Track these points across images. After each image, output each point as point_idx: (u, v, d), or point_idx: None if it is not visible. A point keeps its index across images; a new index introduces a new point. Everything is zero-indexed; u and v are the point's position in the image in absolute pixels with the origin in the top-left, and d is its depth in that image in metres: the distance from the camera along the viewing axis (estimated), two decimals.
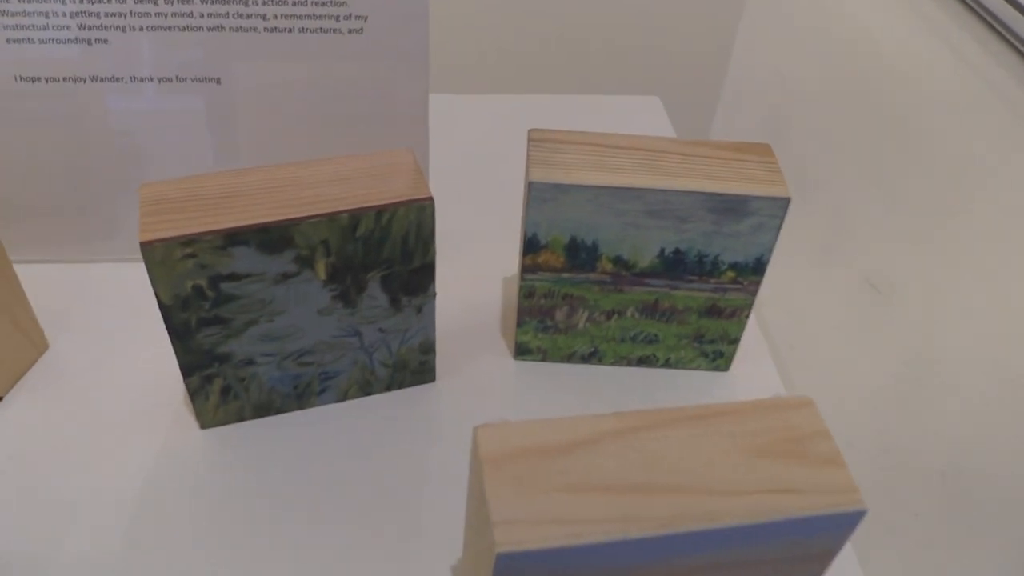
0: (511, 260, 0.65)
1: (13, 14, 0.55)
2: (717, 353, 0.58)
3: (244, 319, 0.49)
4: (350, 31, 0.57)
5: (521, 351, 0.59)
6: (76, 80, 0.58)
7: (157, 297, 0.47)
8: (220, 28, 0.56)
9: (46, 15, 0.55)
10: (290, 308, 0.49)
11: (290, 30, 0.57)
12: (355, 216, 0.47)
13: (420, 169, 0.49)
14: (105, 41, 0.56)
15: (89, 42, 0.56)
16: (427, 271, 0.51)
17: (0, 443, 0.53)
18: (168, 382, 0.57)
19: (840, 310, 0.80)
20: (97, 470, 0.52)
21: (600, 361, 0.59)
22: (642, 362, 0.59)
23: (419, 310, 0.53)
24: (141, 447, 0.53)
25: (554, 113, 0.82)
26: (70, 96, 0.58)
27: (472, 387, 0.58)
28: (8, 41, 0.56)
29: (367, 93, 0.59)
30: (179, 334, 0.49)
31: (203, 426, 0.54)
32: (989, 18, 0.65)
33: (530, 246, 0.53)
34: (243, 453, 0.53)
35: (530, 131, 0.53)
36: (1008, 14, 0.62)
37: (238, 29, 0.56)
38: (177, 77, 0.58)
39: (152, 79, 0.58)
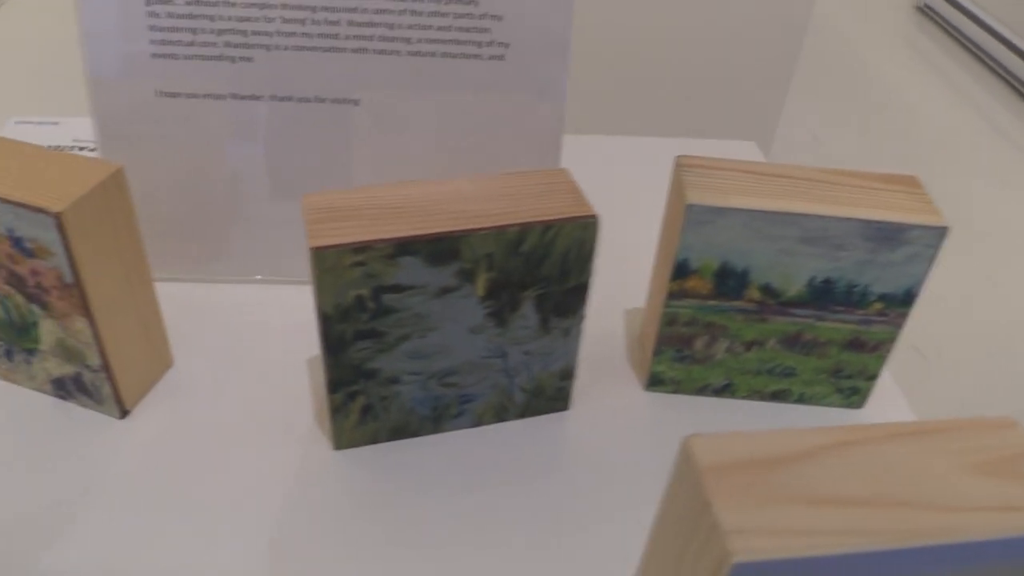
0: (632, 293, 0.64)
1: (161, 29, 0.56)
2: (852, 389, 0.57)
3: (398, 334, 0.48)
4: (491, 57, 0.58)
5: (653, 382, 0.58)
6: (216, 97, 0.58)
7: (318, 307, 0.46)
8: (363, 51, 0.57)
9: (193, 31, 0.56)
10: (444, 325, 0.49)
11: (432, 54, 0.57)
12: (523, 230, 0.46)
13: (579, 188, 0.49)
14: (250, 59, 0.57)
15: (233, 60, 0.57)
16: (581, 292, 0.50)
17: (128, 456, 0.52)
18: (297, 403, 0.56)
19: None
20: (227, 487, 0.50)
21: (732, 394, 0.58)
22: (775, 397, 0.58)
23: (566, 333, 0.52)
24: (272, 465, 0.52)
25: (654, 154, 0.82)
26: (209, 113, 0.58)
27: (604, 417, 0.56)
28: (153, 56, 0.56)
29: (503, 122, 0.60)
30: (333, 347, 0.48)
31: (337, 447, 0.53)
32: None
33: (679, 271, 0.52)
34: (377, 475, 0.52)
35: (678, 157, 0.53)
36: None
37: (381, 52, 0.57)
38: (316, 97, 0.58)
39: (292, 99, 0.58)
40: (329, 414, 0.51)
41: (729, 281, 0.52)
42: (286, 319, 0.62)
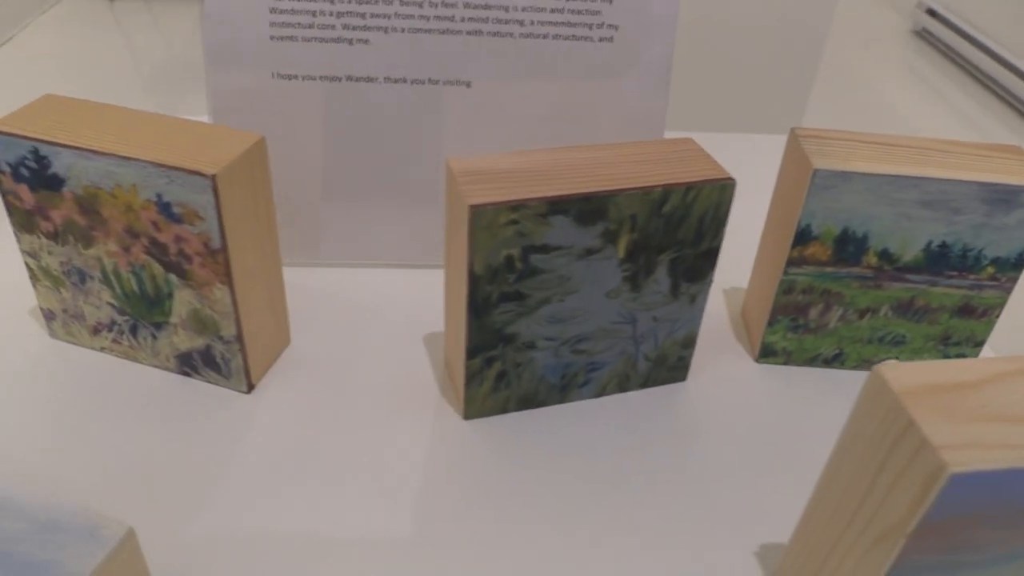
0: (726, 272, 0.65)
1: (281, 11, 0.57)
2: (960, 356, 0.58)
3: (540, 296, 0.49)
4: (601, 39, 0.59)
5: (765, 352, 0.59)
6: (332, 79, 0.59)
7: (470, 268, 0.46)
8: (478, 32, 0.58)
9: (313, 14, 0.57)
10: (583, 288, 0.49)
11: (544, 36, 0.59)
12: (667, 191, 0.47)
13: (709, 155, 0.50)
14: (366, 41, 0.58)
15: (351, 42, 0.58)
16: (712, 256, 0.51)
17: (259, 429, 0.52)
18: (419, 378, 0.56)
19: None
20: (360, 458, 0.50)
21: (842, 365, 0.59)
22: (872, 364, 0.59)
23: (692, 300, 0.53)
24: (403, 436, 0.52)
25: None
26: (323, 95, 0.59)
27: (719, 388, 0.57)
28: (272, 39, 0.57)
29: (610, 102, 0.61)
30: (478, 309, 0.48)
31: (467, 416, 0.53)
32: None
33: (801, 237, 0.53)
34: (506, 445, 0.52)
35: (793, 129, 0.55)
36: None
37: (495, 34, 0.58)
38: (430, 79, 0.60)
39: (406, 80, 0.59)
40: (464, 381, 0.51)
41: (848, 247, 0.54)
42: (396, 301, 0.62)
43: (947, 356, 0.58)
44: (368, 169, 0.62)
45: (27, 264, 0.54)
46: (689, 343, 0.55)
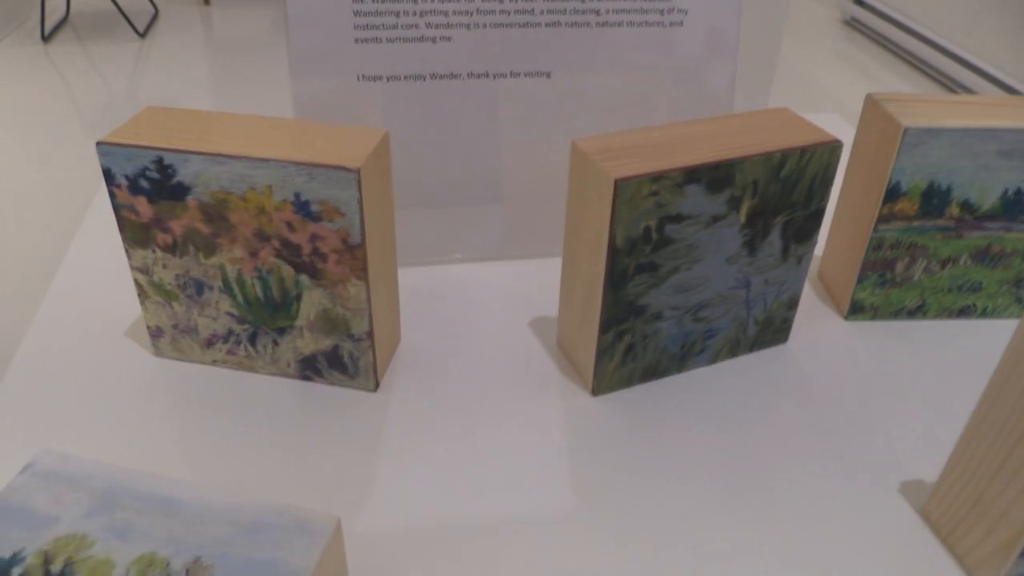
0: None
1: (365, 14, 0.57)
2: None
3: (671, 265, 0.50)
4: (671, 24, 0.61)
5: (854, 309, 0.61)
6: (416, 78, 0.60)
7: (611, 240, 0.47)
8: (556, 24, 0.60)
9: (397, 14, 0.58)
10: (707, 256, 0.51)
11: (619, 24, 0.61)
12: (785, 155, 0.49)
13: (807, 121, 0.53)
14: (449, 39, 0.59)
15: (434, 40, 0.59)
16: (819, 217, 0.53)
17: (394, 425, 0.52)
18: (535, 362, 0.57)
19: None
20: (502, 441, 0.51)
21: (924, 315, 0.62)
22: (961, 313, 0.62)
23: (799, 261, 0.55)
24: (536, 418, 0.53)
25: None
26: (408, 95, 0.60)
27: (818, 347, 0.59)
28: (356, 41, 0.58)
29: (682, 85, 0.63)
30: (614, 283, 0.49)
31: (596, 392, 0.54)
32: None
33: (891, 194, 0.56)
34: (637, 417, 0.53)
35: (869, 94, 0.58)
36: None
37: (572, 24, 0.60)
38: (511, 72, 0.61)
39: (488, 75, 0.60)
40: (594, 357, 0.52)
41: (934, 200, 0.57)
42: (492, 292, 0.63)
43: (1019, 299, 0.62)
44: (455, 165, 0.63)
45: (136, 281, 0.53)
46: (793, 304, 0.57)
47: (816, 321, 0.62)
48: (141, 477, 0.40)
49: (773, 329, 0.58)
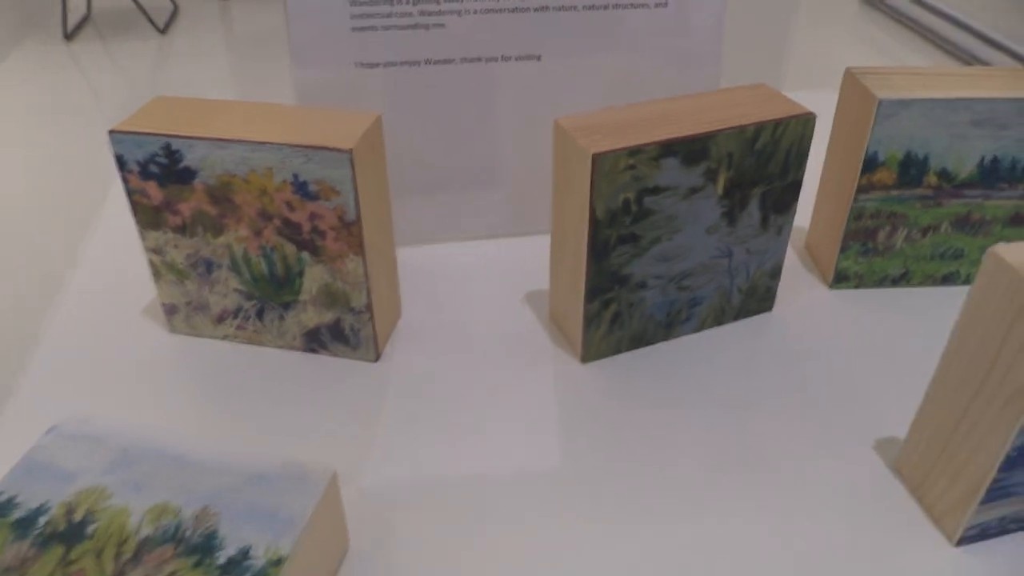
0: None
1: (360, 3, 0.60)
2: None
3: (652, 236, 0.53)
4: (656, 5, 0.64)
5: (839, 278, 0.63)
6: (411, 64, 0.62)
7: (591, 212, 0.50)
8: (545, 8, 0.62)
9: (391, 3, 0.60)
10: (687, 226, 0.53)
11: (605, 7, 0.63)
12: (758, 128, 0.52)
13: (785, 96, 0.55)
14: (442, 26, 0.62)
15: (427, 27, 0.61)
16: (796, 188, 0.56)
17: (393, 392, 0.55)
18: (528, 334, 0.60)
19: None
20: (497, 409, 0.54)
21: (908, 283, 0.64)
22: (945, 280, 0.64)
23: (779, 231, 0.57)
24: (529, 386, 0.55)
25: None
26: (404, 80, 0.63)
27: (802, 314, 0.62)
28: (353, 30, 0.61)
29: (667, 64, 0.65)
30: (597, 253, 0.52)
31: (585, 359, 0.57)
32: None
33: (868, 165, 0.58)
34: (623, 382, 0.56)
35: (848, 69, 0.60)
36: None
37: (560, 8, 0.62)
38: (503, 56, 0.63)
39: (480, 59, 0.63)
40: (582, 326, 0.55)
41: (911, 170, 0.59)
42: (486, 269, 0.66)
43: None
44: (449, 147, 0.65)
45: (151, 261, 0.56)
46: (776, 273, 0.60)
47: (802, 290, 0.64)
48: (157, 435, 0.43)
49: (757, 298, 0.60)
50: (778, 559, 0.45)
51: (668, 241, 0.54)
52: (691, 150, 0.50)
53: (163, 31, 2.83)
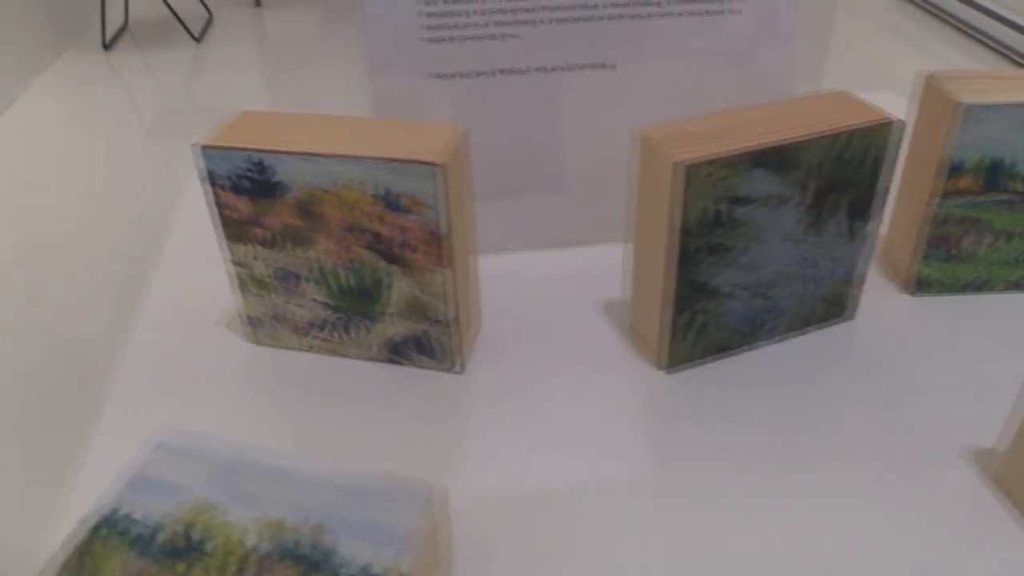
0: None
1: (434, 15, 0.60)
2: None
3: (738, 246, 0.53)
4: (730, 12, 0.63)
5: (919, 285, 0.63)
6: (484, 74, 0.63)
7: (680, 224, 0.50)
8: (618, 17, 0.62)
9: (465, 13, 0.61)
10: (772, 236, 0.53)
11: (679, 15, 0.63)
12: (849, 135, 0.51)
13: (864, 101, 0.54)
14: (516, 36, 0.62)
15: (501, 37, 0.62)
16: (881, 196, 0.55)
17: (478, 404, 0.55)
18: (606, 342, 0.60)
19: None
20: (581, 418, 0.54)
21: (990, 289, 0.63)
22: (1018, 285, 0.63)
23: (863, 239, 0.57)
24: (612, 395, 0.55)
25: None
26: (477, 90, 0.63)
27: (882, 321, 0.61)
28: (426, 41, 0.61)
29: (740, 71, 0.65)
30: (686, 264, 0.52)
31: (668, 368, 0.57)
32: None
33: (951, 170, 0.57)
34: (708, 392, 0.55)
35: (927, 76, 0.59)
36: None
37: (634, 16, 0.62)
38: (576, 65, 0.63)
39: (553, 69, 0.63)
40: (668, 335, 0.55)
41: (994, 175, 0.58)
42: (560, 278, 0.66)
43: None
44: (520, 156, 0.66)
45: (236, 274, 0.57)
46: (856, 281, 0.59)
47: (881, 297, 0.63)
48: (257, 450, 0.43)
49: (838, 306, 0.60)
50: (875, 571, 0.44)
51: (753, 251, 0.53)
52: (780, 159, 0.50)
53: (199, 39, 2.86)
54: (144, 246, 1.90)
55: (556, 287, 0.65)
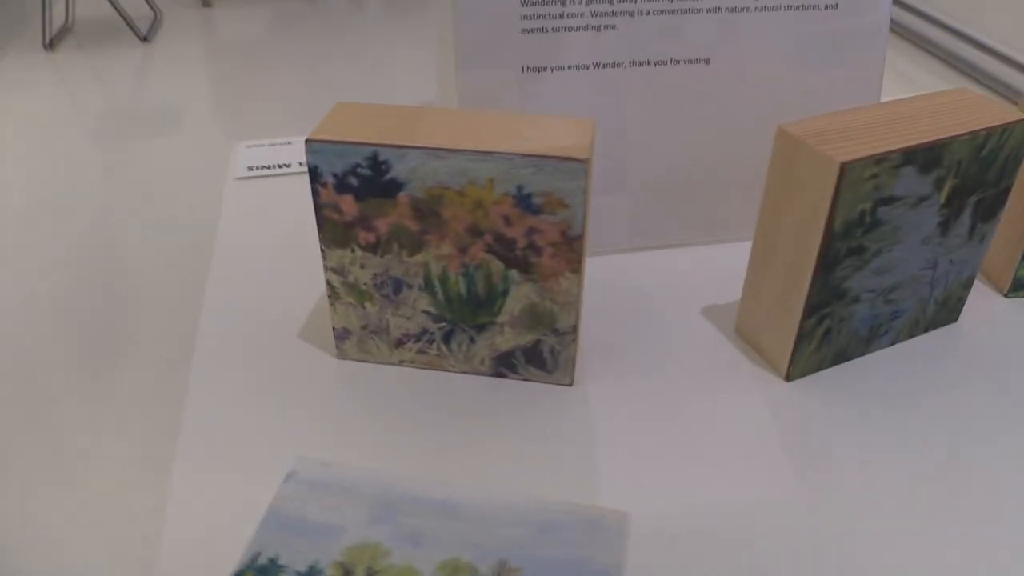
0: None
1: (533, 4, 0.57)
2: None
3: (875, 248, 0.50)
4: (827, 7, 0.61)
5: (1016, 287, 0.62)
6: (579, 68, 0.59)
7: (828, 225, 0.47)
8: (717, 10, 0.60)
9: (563, 3, 0.57)
10: (906, 237, 0.51)
11: (777, 8, 0.61)
12: (988, 134, 0.50)
13: (992, 99, 0.53)
14: (613, 27, 0.58)
15: (598, 28, 0.58)
16: (1005, 196, 0.54)
17: (595, 418, 0.51)
18: (718, 348, 0.57)
19: None
20: (708, 432, 0.51)
21: None
22: None
23: (982, 239, 0.55)
24: (734, 406, 0.52)
25: None
26: (570, 85, 0.59)
27: (987, 325, 0.60)
28: (523, 32, 0.57)
29: (832, 68, 0.63)
30: (827, 266, 0.49)
31: (790, 377, 0.54)
32: None
33: None
34: (834, 400, 0.53)
35: None
36: None
37: (733, 10, 0.60)
38: (672, 60, 0.60)
39: (648, 63, 0.60)
40: (792, 343, 0.52)
41: None
42: (661, 280, 0.63)
43: None
44: (615, 153, 0.62)
45: (329, 283, 0.52)
46: (970, 284, 0.58)
47: (977, 299, 0.62)
48: (409, 481, 0.39)
49: (948, 308, 0.58)
50: None
51: (888, 253, 0.51)
52: (928, 158, 0.48)
53: (146, 39, 2.73)
54: (90, 250, 1.80)
55: (658, 290, 0.62)
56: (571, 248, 0.48)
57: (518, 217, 0.47)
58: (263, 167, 0.75)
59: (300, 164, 0.76)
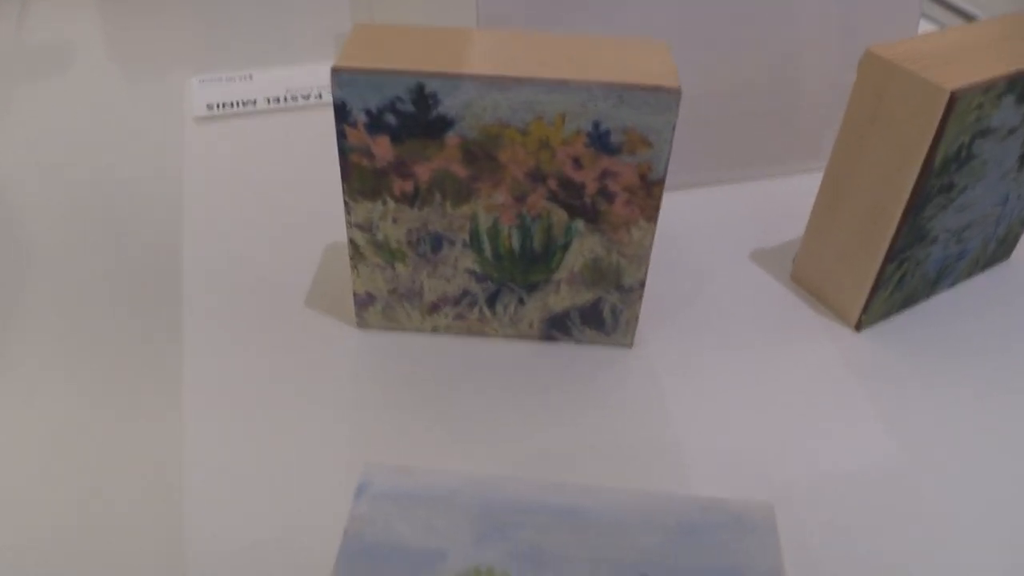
0: None
1: None
2: None
3: (962, 186, 0.46)
4: None
5: None
6: None
7: (929, 160, 0.42)
8: None
9: None
10: (990, 173, 0.47)
11: None
12: None
13: None
14: None
15: None
16: None
17: (663, 382, 0.46)
18: (776, 296, 0.52)
19: None
20: (777, 387, 0.46)
21: None
22: None
23: None
24: (801, 359, 0.48)
25: None
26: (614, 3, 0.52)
27: None
28: None
29: (863, 31, 0.58)
30: (918, 206, 0.44)
31: (861, 326, 0.50)
32: None
33: None
34: (907, 348, 0.49)
35: None
36: None
37: None
38: None
39: None
40: (868, 289, 0.48)
41: None
42: (703, 222, 0.57)
43: None
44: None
45: (352, 241, 0.43)
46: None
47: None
48: (511, 484, 0.32)
49: (1005, 246, 0.55)
50: None
51: (971, 191, 0.47)
52: None
53: None
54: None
55: (694, 235, 0.56)
56: (649, 194, 0.41)
57: (591, 159, 0.40)
58: (224, 105, 0.64)
59: (268, 101, 0.66)
